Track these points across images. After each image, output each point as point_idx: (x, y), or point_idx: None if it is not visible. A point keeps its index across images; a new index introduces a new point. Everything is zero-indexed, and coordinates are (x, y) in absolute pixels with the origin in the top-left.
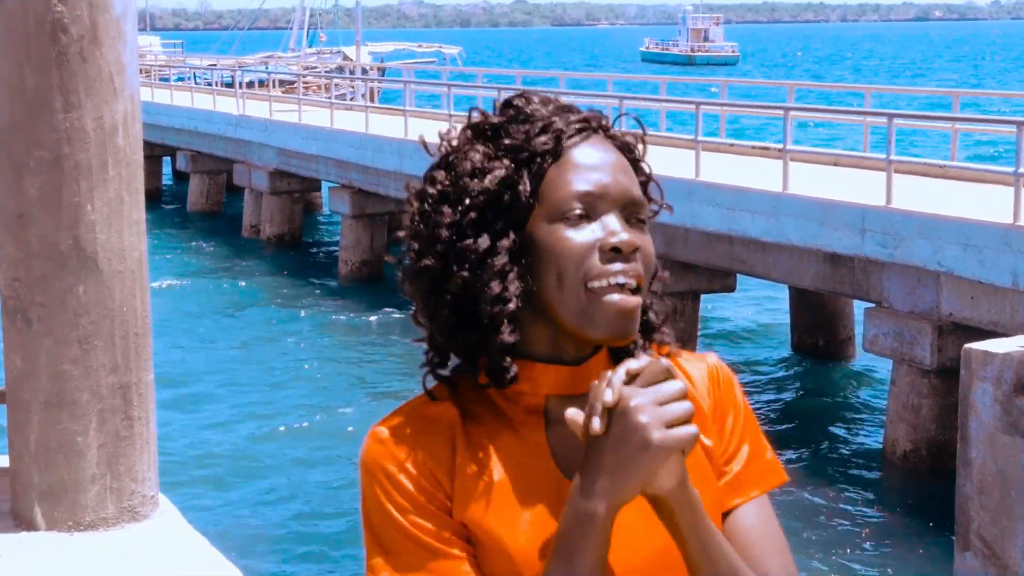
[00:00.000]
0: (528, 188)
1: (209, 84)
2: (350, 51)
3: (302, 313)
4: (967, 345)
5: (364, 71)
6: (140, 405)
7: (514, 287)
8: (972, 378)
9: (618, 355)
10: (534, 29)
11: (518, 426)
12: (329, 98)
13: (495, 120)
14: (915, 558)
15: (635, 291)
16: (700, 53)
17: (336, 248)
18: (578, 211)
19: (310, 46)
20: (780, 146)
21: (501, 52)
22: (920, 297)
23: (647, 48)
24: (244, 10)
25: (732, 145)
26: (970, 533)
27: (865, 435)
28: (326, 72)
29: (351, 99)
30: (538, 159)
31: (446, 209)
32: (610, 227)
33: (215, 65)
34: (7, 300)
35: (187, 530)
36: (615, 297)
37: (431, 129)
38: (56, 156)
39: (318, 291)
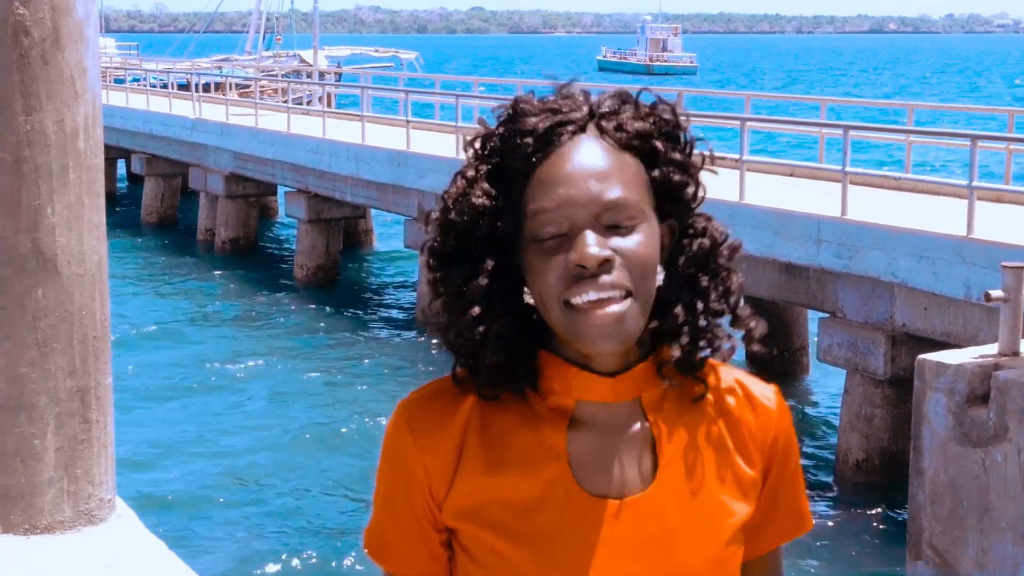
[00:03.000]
0: (504, 221)
1: (165, 87)
2: (306, 55)
3: (257, 318)
4: (921, 356)
5: (321, 75)
6: (98, 409)
7: (499, 308)
8: (925, 388)
9: (663, 350)
10: (491, 36)
11: (540, 423)
12: (286, 102)
13: (490, 131)
14: (867, 567)
15: (623, 297)
16: (659, 63)
17: (291, 253)
18: (549, 232)
19: (267, 49)
20: (736, 156)
21: (458, 58)
22: (874, 308)
23: (604, 57)
24: (200, 13)
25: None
26: (922, 542)
27: (818, 445)
28: (283, 76)
29: (308, 103)
30: (520, 176)
31: (437, 236)
32: (577, 245)
33: (171, 69)
34: None
35: (144, 534)
36: (593, 313)
37: (387, 134)
38: (16, 159)
39: (273, 296)
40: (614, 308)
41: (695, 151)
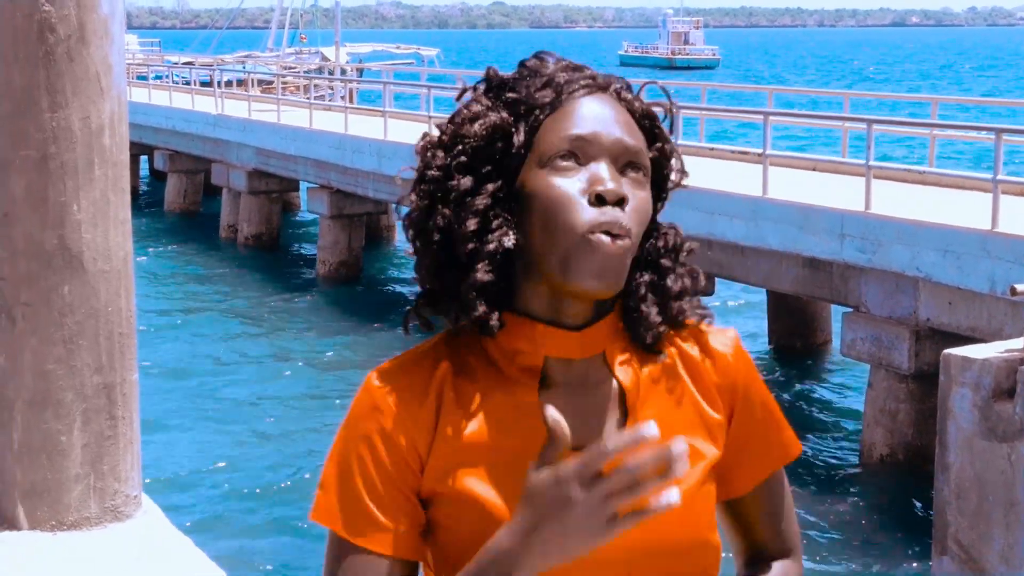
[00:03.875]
0: (522, 138)
1: (187, 83)
2: (328, 51)
3: (279, 313)
4: (946, 351)
5: (343, 72)
6: (124, 405)
7: (498, 232)
8: (951, 383)
9: (626, 317)
10: (512, 31)
11: (511, 385)
12: (308, 98)
13: (504, 76)
14: (892, 563)
15: (622, 240)
16: (681, 56)
17: (314, 249)
18: (565, 155)
19: (289, 46)
20: (760, 151)
21: (479, 54)
22: (898, 302)
23: (626, 51)
24: (222, 9)
25: (712, 149)
26: (947, 538)
27: (842, 439)
28: (305, 72)
29: (330, 100)
30: (536, 111)
31: (440, 153)
32: (597, 174)
33: (192, 63)
34: None
35: (170, 530)
36: (600, 239)
37: (410, 130)
38: (42, 155)
39: (296, 292)
40: (621, 244)
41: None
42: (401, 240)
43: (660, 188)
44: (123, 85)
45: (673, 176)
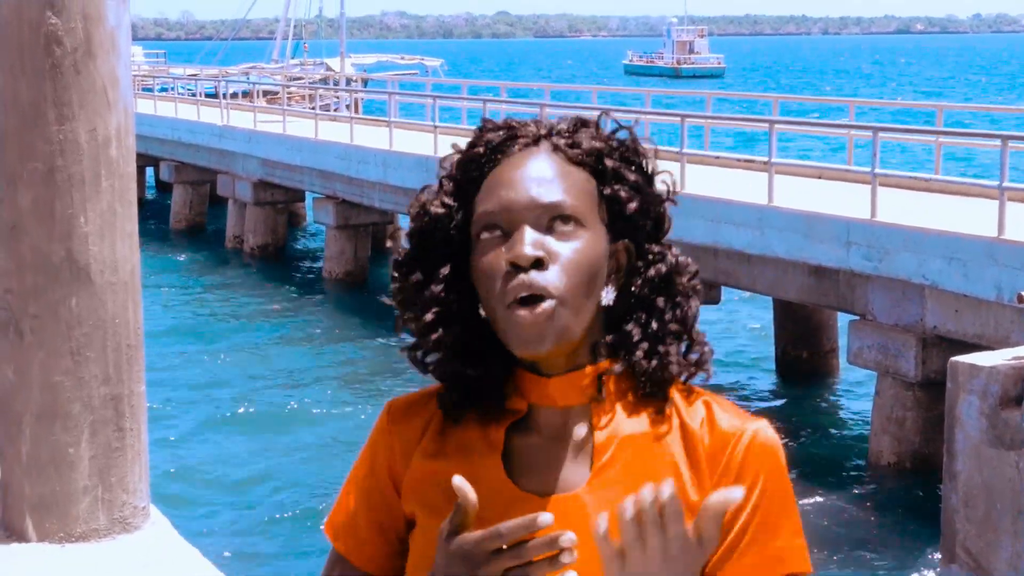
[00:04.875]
0: (457, 219)
1: (193, 94)
2: (333, 62)
3: (286, 324)
4: (954, 358)
5: (348, 82)
6: (132, 417)
7: (454, 315)
8: (958, 391)
9: (633, 373)
10: (516, 40)
11: (489, 422)
12: (313, 109)
13: (455, 158)
14: (900, 570)
15: (543, 301)
16: (686, 65)
17: (320, 259)
18: (490, 229)
19: (294, 57)
20: (765, 159)
21: (484, 63)
22: (904, 310)
23: (630, 60)
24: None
25: (717, 157)
26: (956, 546)
27: (849, 447)
28: (310, 83)
29: (335, 110)
30: (471, 188)
31: (403, 244)
32: (511, 242)
33: (197, 75)
34: None
35: (178, 541)
36: (517, 313)
37: (415, 140)
38: (49, 168)
39: (302, 302)
40: (543, 306)
41: (659, 181)
42: None
43: (628, 222)
44: (130, 97)
45: (633, 204)
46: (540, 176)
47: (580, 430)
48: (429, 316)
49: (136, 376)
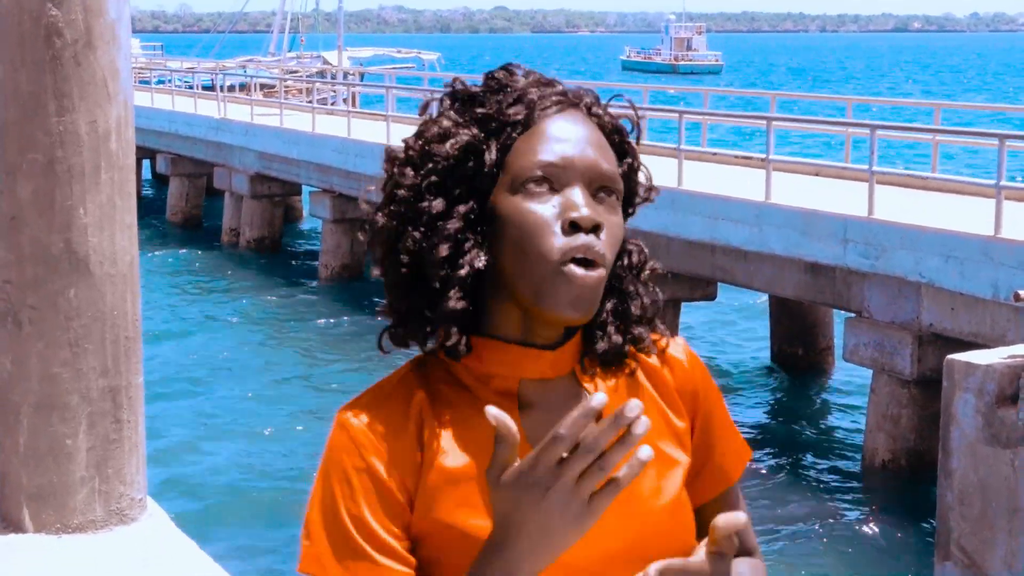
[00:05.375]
0: (493, 157)
1: (190, 87)
2: (330, 56)
3: (282, 317)
4: (950, 356)
5: (345, 75)
6: (130, 408)
7: (470, 255)
8: (954, 389)
9: (590, 339)
10: (514, 35)
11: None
12: (311, 102)
13: (472, 89)
14: (894, 568)
15: (597, 268)
16: (684, 62)
17: (316, 253)
18: (539, 181)
19: (291, 50)
20: (763, 156)
21: (480, 58)
22: (901, 308)
23: (628, 56)
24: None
25: (715, 154)
26: (950, 543)
27: (844, 445)
28: (307, 76)
29: (332, 103)
30: (507, 129)
31: (409, 171)
32: (571, 200)
33: (194, 68)
34: None
35: (175, 533)
36: (574, 271)
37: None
38: (49, 159)
39: (298, 295)
40: (595, 274)
41: (642, 174)
42: None
43: (627, 203)
44: (130, 90)
45: (640, 192)
46: (596, 142)
47: (573, 396)
48: (445, 249)
49: (134, 368)
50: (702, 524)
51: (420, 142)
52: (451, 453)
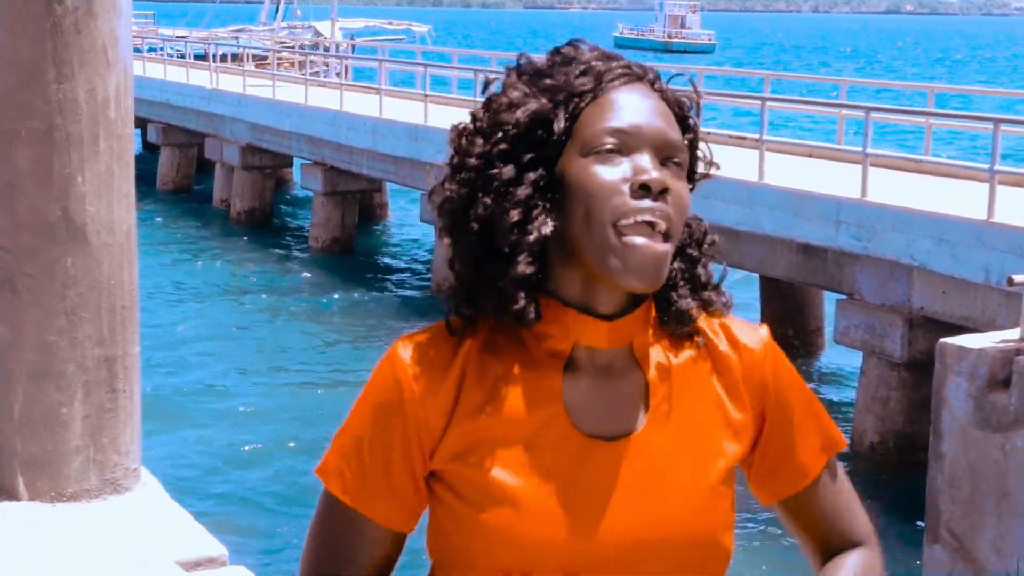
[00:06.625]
0: (561, 125)
1: (182, 56)
2: (322, 26)
3: (272, 289)
4: (942, 340)
5: (336, 48)
6: (125, 378)
7: (539, 221)
8: (946, 372)
9: (659, 306)
10: (506, 11)
11: (536, 366)
12: (304, 74)
13: (539, 63)
14: (883, 550)
15: (665, 236)
16: (677, 40)
17: (307, 225)
18: (608, 146)
19: (283, 20)
20: (756, 136)
21: (473, 33)
22: (892, 290)
23: (621, 33)
24: None
25: (708, 134)
26: (940, 526)
27: None
28: (300, 48)
29: (324, 76)
30: (576, 98)
31: (479, 140)
32: (640, 164)
33: (187, 37)
34: None
35: (169, 503)
36: (642, 240)
37: (405, 108)
38: (48, 127)
39: (288, 267)
40: (662, 246)
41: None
42: (395, 219)
43: (688, 179)
44: (129, 58)
45: (700, 166)
46: (663, 111)
47: (627, 369)
48: (516, 215)
49: (130, 338)
50: (800, 514)
51: (489, 113)
52: (486, 402)
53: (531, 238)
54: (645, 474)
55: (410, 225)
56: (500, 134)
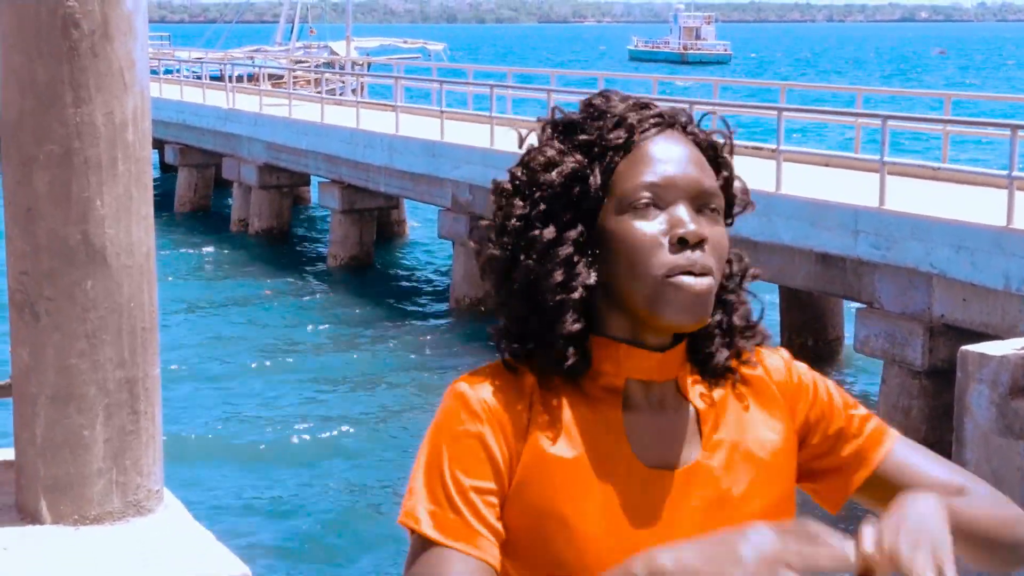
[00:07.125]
0: (598, 181)
1: (198, 77)
2: (337, 46)
3: (291, 308)
4: (964, 347)
5: (352, 66)
6: (146, 400)
7: (582, 276)
8: (968, 380)
9: (695, 350)
10: (521, 26)
11: (594, 402)
12: (319, 92)
13: (573, 117)
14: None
15: (705, 273)
16: (693, 51)
17: (324, 243)
18: (645, 201)
19: (298, 40)
20: (773, 146)
21: (487, 49)
22: (912, 298)
23: (635, 46)
24: (231, 3)
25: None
26: None
27: None
28: (316, 67)
29: (340, 94)
30: (610, 153)
31: (518, 201)
32: (677, 217)
33: (202, 58)
34: (15, 294)
35: (192, 524)
36: (686, 280)
37: (421, 125)
38: (66, 150)
39: (307, 286)
40: (705, 282)
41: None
42: (413, 235)
43: (726, 214)
44: (146, 80)
45: (736, 206)
46: (696, 160)
47: (677, 401)
48: (559, 275)
49: (151, 359)
50: (876, 501)
51: (526, 172)
52: (554, 439)
53: (576, 295)
54: (712, 501)
55: (428, 241)
56: (538, 194)
